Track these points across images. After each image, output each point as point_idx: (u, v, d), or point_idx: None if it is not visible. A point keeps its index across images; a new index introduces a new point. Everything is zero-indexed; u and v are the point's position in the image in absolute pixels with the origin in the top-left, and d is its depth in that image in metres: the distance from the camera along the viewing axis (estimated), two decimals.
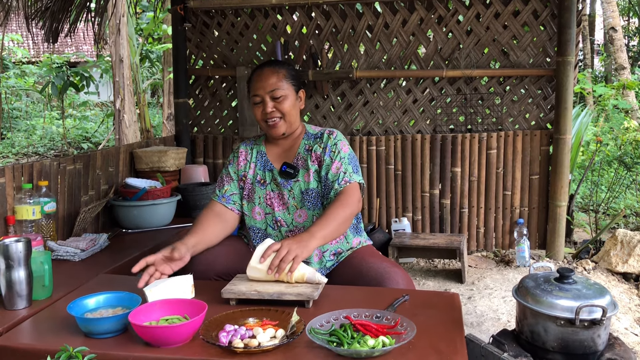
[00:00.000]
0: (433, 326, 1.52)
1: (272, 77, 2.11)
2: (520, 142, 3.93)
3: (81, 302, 1.61)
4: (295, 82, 2.18)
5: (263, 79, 2.12)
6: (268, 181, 2.19)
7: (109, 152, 3.35)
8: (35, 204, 2.49)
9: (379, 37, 3.98)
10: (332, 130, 2.20)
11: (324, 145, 2.14)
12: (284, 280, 1.75)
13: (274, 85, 2.10)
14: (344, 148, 2.14)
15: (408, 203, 4.09)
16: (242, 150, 2.27)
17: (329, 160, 2.11)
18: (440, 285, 3.60)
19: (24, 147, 10.60)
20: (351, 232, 2.21)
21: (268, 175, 2.20)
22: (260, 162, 2.22)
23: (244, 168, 2.23)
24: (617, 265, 3.61)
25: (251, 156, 2.24)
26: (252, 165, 2.23)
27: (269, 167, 2.20)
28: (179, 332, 1.42)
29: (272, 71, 2.13)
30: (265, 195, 2.18)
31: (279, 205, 2.16)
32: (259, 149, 2.25)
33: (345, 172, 2.09)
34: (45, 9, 4.00)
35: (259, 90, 2.11)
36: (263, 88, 2.11)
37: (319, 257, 2.13)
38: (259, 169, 2.22)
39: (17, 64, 13.15)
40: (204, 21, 4.19)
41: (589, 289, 1.71)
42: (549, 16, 3.79)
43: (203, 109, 4.32)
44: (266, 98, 2.10)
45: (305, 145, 2.19)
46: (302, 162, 2.16)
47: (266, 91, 2.10)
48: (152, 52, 9.36)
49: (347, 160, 2.12)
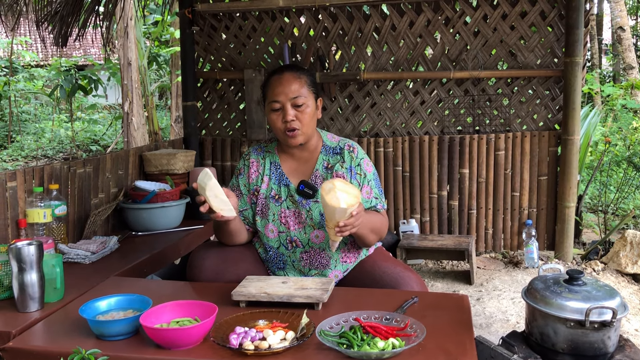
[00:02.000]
0: (442, 328, 1.52)
1: (295, 83, 1.98)
2: (529, 143, 3.92)
3: (93, 305, 1.62)
4: (314, 90, 2.05)
5: (284, 84, 1.98)
6: (284, 198, 2.06)
7: (118, 155, 3.37)
8: (46, 207, 2.52)
9: (386, 38, 3.99)
10: (352, 146, 2.08)
11: (347, 165, 2.03)
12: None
13: (296, 92, 1.97)
14: (368, 168, 2.06)
15: (416, 204, 4.09)
16: (254, 160, 2.13)
17: (357, 185, 2.02)
18: (449, 287, 3.59)
19: (33, 150, 10.67)
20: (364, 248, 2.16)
21: (284, 191, 2.06)
22: (275, 176, 2.08)
23: (256, 181, 2.10)
24: (626, 266, 3.60)
25: (264, 168, 2.10)
26: (266, 178, 2.09)
27: (284, 182, 2.07)
28: (190, 334, 1.43)
29: (294, 76, 2.00)
30: (280, 212, 2.05)
31: (294, 224, 2.04)
32: (273, 159, 2.11)
33: (377, 197, 2.06)
34: (54, 13, 4.03)
35: (280, 96, 1.97)
36: (285, 94, 1.97)
37: (339, 277, 2.09)
38: (273, 184, 2.08)
39: (26, 67, 13.25)
40: (211, 24, 4.20)
41: (599, 291, 1.70)
42: (557, 17, 3.78)
43: (211, 112, 4.34)
44: (287, 105, 1.97)
45: (323, 161, 2.07)
46: (321, 181, 2.04)
47: (288, 97, 1.97)
48: (160, 55, 9.41)
49: (374, 182, 2.06)
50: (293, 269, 2.09)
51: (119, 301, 1.67)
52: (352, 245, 2.09)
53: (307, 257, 2.05)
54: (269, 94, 2.02)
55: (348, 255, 2.09)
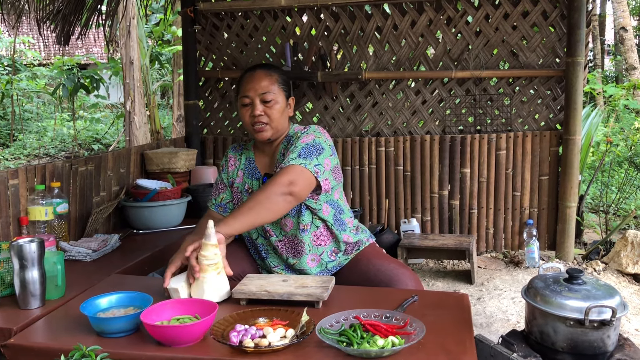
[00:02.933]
0: (442, 326, 1.52)
1: (265, 80, 2.05)
2: (530, 142, 3.92)
3: (94, 302, 1.63)
4: (286, 88, 2.10)
5: (255, 80, 2.05)
6: (255, 190, 2.13)
7: (120, 154, 3.38)
8: (47, 205, 2.52)
9: (387, 38, 3.99)
10: (307, 127, 2.09)
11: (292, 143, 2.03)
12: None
13: (265, 88, 2.04)
14: (304, 138, 1.99)
15: (417, 204, 4.09)
16: (231, 156, 2.24)
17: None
18: (450, 286, 3.60)
19: (35, 148, 10.69)
20: (338, 230, 2.10)
21: (255, 184, 2.15)
22: (248, 170, 2.18)
23: (232, 175, 2.20)
24: (627, 267, 3.60)
25: (239, 163, 2.20)
26: (240, 173, 2.19)
27: (256, 176, 2.16)
28: (190, 331, 1.44)
29: (265, 74, 2.07)
30: None
31: None
32: (248, 154, 2.21)
33: (288, 159, 1.92)
34: (57, 12, 4.05)
35: (249, 92, 2.04)
36: (254, 90, 2.04)
37: (317, 261, 2.10)
38: (247, 177, 2.17)
39: (29, 66, 13.26)
40: (213, 23, 4.21)
41: (599, 290, 1.71)
42: (559, 17, 3.78)
43: (213, 111, 4.35)
44: (256, 100, 2.04)
45: (282, 149, 2.11)
46: None
47: (257, 93, 2.03)
48: (162, 54, 9.42)
49: (300, 148, 1.95)
50: (275, 257, 2.15)
51: (120, 299, 1.67)
52: (325, 229, 2.11)
53: (282, 245, 2.11)
54: (240, 89, 2.10)
55: (321, 239, 2.10)
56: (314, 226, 2.09)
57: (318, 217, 2.09)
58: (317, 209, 2.07)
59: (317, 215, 2.08)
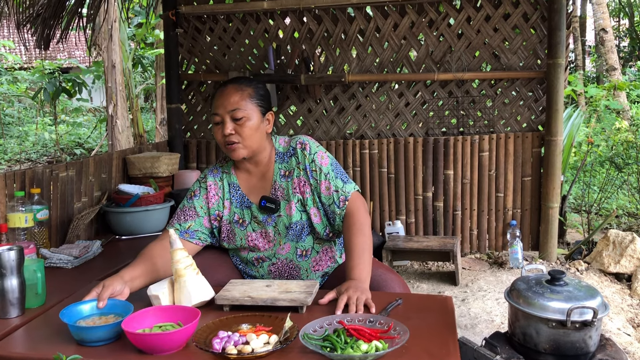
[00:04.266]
0: (426, 330, 1.52)
1: (235, 96, 1.91)
2: (512, 144, 3.95)
3: (74, 309, 1.61)
4: (262, 103, 1.95)
5: (224, 96, 1.92)
6: (248, 221, 1.99)
7: (101, 159, 3.34)
8: (27, 211, 2.49)
9: (370, 41, 4.00)
10: (303, 142, 1.99)
11: (302, 166, 1.96)
12: None
13: (235, 105, 1.89)
14: (323, 161, 1.96)
15: (401, 206, 4.10)
16: (211, 182, 2.02)
17: (315, 183, 1.95)
18: (434, 288, 3.61)
19: (17, 153, 10.56)
20: (339, 250, 2.09)
21: (247, 213, 1.99)
22: (235, 199, 2.01)
23: (217, 206, 2.01)
24: (609, 266, 3.63)
25: (222, 191, 2.01)
26: (227, 203, 2.01)
27: (246, 204, 1.99)
28: (172, 339, 1.42)
29: (236, 89, 1.92)
30: (246, 236, 1.99)
31: (264, 245, 1.99)
32: (230, 179, 2.02)
33: (337, 189, 1.94)
34: (36, 15, 4.00)
35: (219, 109, 1.91)
36: (223, 107, 1.90)
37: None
38: (235, 207, 2.00)
39: (9, 70, 13.12)
40: (195, 26, 4.19)
41: (580, 291, 1.72)
42: (539, 19, 3.82)
43: (196, 114, 4.32)
44: (226, 118, 1.90)
45: (280, 170, 1.99)
46: (282, 192, 1.97)
47: (226, 110, 1.90)
48: (144, 57, 9.36)
49: (333, 174, 1.95)
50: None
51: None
52: (324, 253, 2.04)
53: (274, 269, 2.01)
54: (212, 107, 1.98)
55: (320, 264, 2.03)
56: (314, 252, 2.01)
57: (320, 241, 2.02)
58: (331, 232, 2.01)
59: (320, 239, 2.01)
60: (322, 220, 1.98)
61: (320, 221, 1.98)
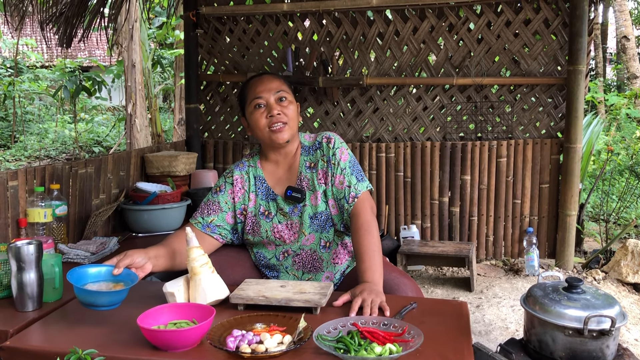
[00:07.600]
0: (440, 334, 1.52)
1: (276, 81, 1.99)
2: (531, 150, 3.92)
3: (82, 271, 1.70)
4: (293, 93, 2.06)
5: (265, 82, 1.98)
6: (274, 213, 2.02)
7: (120, 156, 3.37)
8: (46, 207, 2.52)
9: (389, 44, 3.99)
10: (329, 137, 2.04)
11: (326, 158, 2.01)
12: None
13: (279, 87, 1.97)
14: (343, 156, 2.01)
15: (417, 210, 4.09)
16: (237, 176, 2.06)
17: (331, 174, 1.99)
18: (449, 294, 3.58)
19: (37, 150, 10.70)
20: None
21: (272, 205, 2.02)
22: (261, 191, 2.04)
23: (243, 200, 2.04)
24: (627, 276, 3.59)
25: (249, 184, 2.05)
26: (252, 195, 2.04)
27: (272, 197, 2.03)
28: (187, 336, 1.43)
29: (274, 77, 2.02)
30: (272, 228, 2.01)
31: (289, 237, 2.02)
32: (256, 173, 2.06)
33: (350, 185, 1.97)
34: (59, 14, 4.05)
35: (263, 93, 1.96)
36: (268, 90, 1.96)
37: (331, 280, 2.05)
38: (261, 200, 2.03)
39: (31, 68, 13.29)
40: (215, 27, 4.22)
41: (598, 299, 1.70)
42: (560, 25, 3.78)
43: (214, 115, 4.35)
44: (271, 99, 1.95)
45: (305, 162, 2.03)
46: (307, 183, 2.01)
47: (271, 92, 1.96)
48: (164, 57, 9.43)
49: (349, 170, 1.99)
50: (287, 275, 2.07)
51: (108, 272, 1.74)
52: (343, 247, 2.07)
53: (299, 260, 2.04)
54: (250, 94, 2.00)
55: (339, 257, 2.06)
56: (335, 244, 2.04)
57: (339, 234, 2.05)
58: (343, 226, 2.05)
59: (339, 232, 2.04)
60: (338, 212, 2.02)
61: (337, 212, 2.02)
